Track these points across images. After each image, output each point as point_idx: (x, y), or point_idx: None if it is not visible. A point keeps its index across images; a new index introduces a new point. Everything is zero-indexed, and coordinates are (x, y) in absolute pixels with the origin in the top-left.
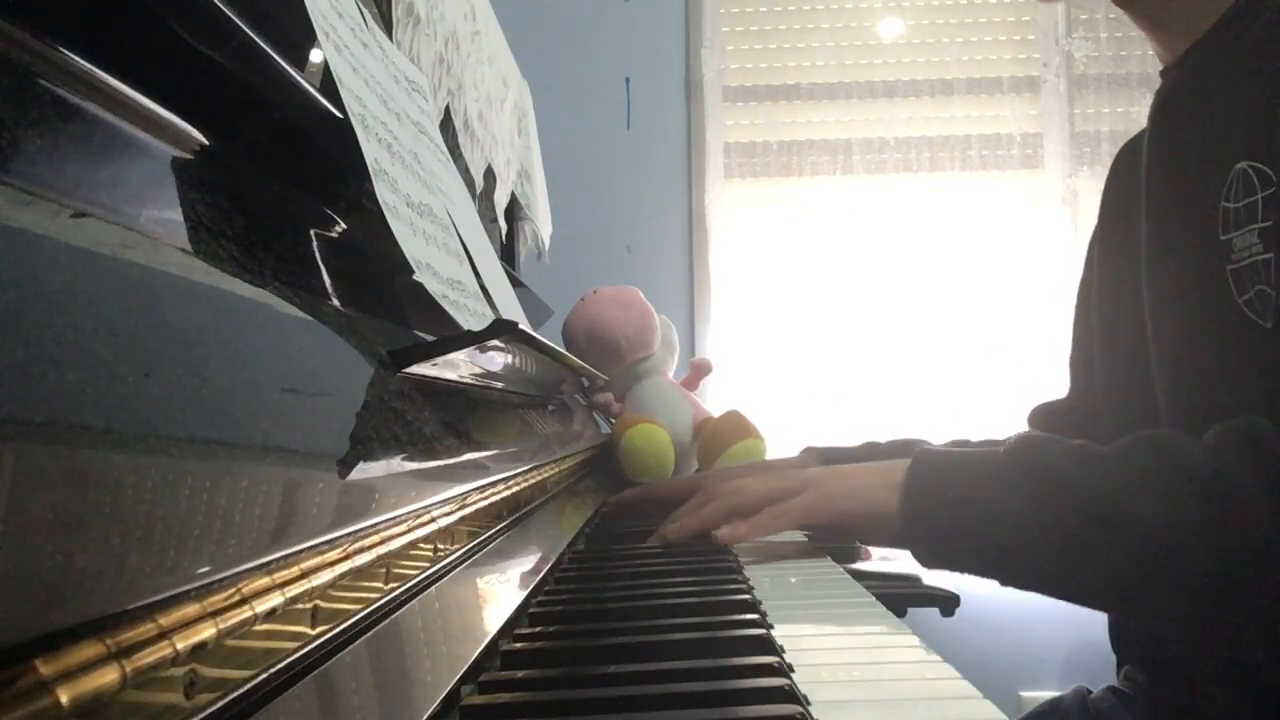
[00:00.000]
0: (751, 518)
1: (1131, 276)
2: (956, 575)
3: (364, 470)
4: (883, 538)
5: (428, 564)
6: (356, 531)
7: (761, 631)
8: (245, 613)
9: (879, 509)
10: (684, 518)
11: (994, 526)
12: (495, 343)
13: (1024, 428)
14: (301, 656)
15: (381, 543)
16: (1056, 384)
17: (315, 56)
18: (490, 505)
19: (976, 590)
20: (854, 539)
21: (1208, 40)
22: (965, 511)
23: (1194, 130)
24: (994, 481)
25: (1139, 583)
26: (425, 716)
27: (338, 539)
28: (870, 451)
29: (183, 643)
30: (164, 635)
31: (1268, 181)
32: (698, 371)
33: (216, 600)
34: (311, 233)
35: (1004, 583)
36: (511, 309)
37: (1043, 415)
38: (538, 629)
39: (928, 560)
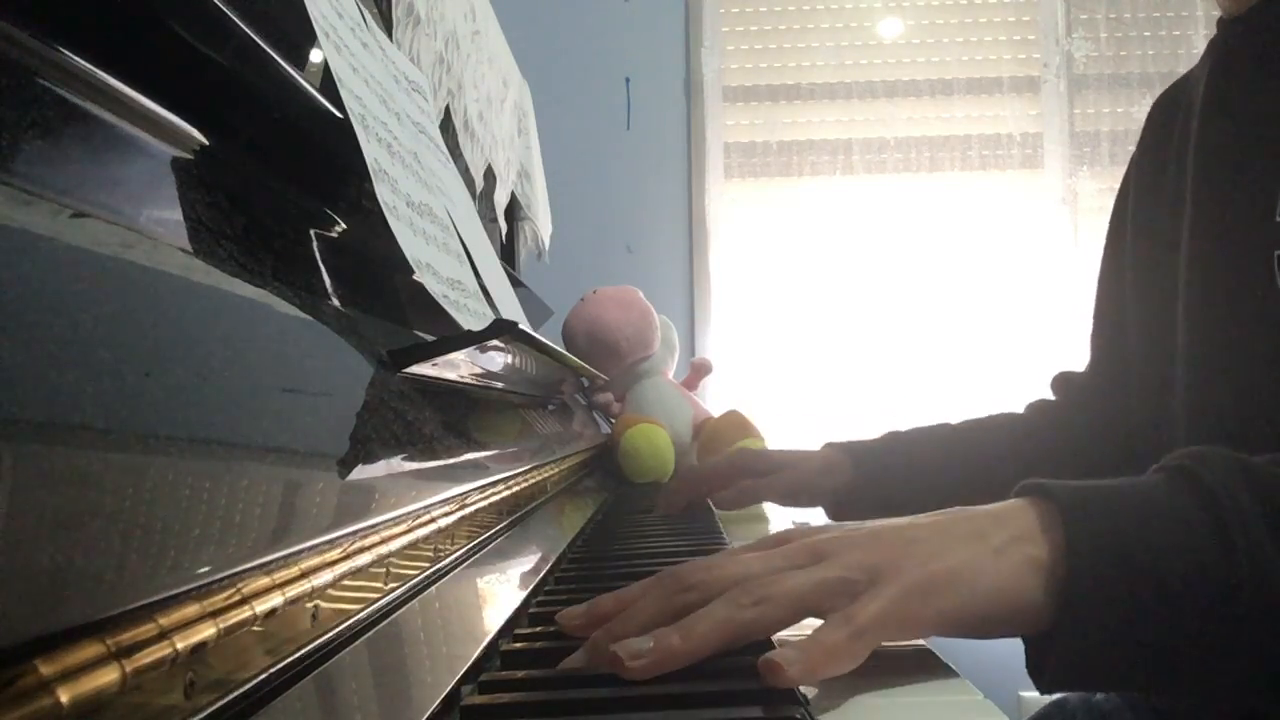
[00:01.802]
0: (811, 645)
1: (1171, 247)
2: None
3: (364, 470)
4: (1008, 635)
5: (428, 564)
6: (356, 531)
7: None
8: (245, 613)
9: (1012, 604)
10: (662, 644)
11: (1223, 633)
12: (495, 343)
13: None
14: (301, 656)
15: (381, 543)
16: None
17: (315, 56)
18: (490, 505)
19: None
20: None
21: None
22: (1176, 604)
23: (1263, 99)
24: (1224, 546)
25: None
26: (425, 716)
27: (338, 539)
28: (896, 443)
29: (183, 643)
30: (164, 635)
31: None
32: (698, 371)
33: (216, 600)
34: (311, 233)
35: (1221, 707)
36: (511, 309)
37: (1066, 383)
38: (538, 629)
39: (1082, 678)
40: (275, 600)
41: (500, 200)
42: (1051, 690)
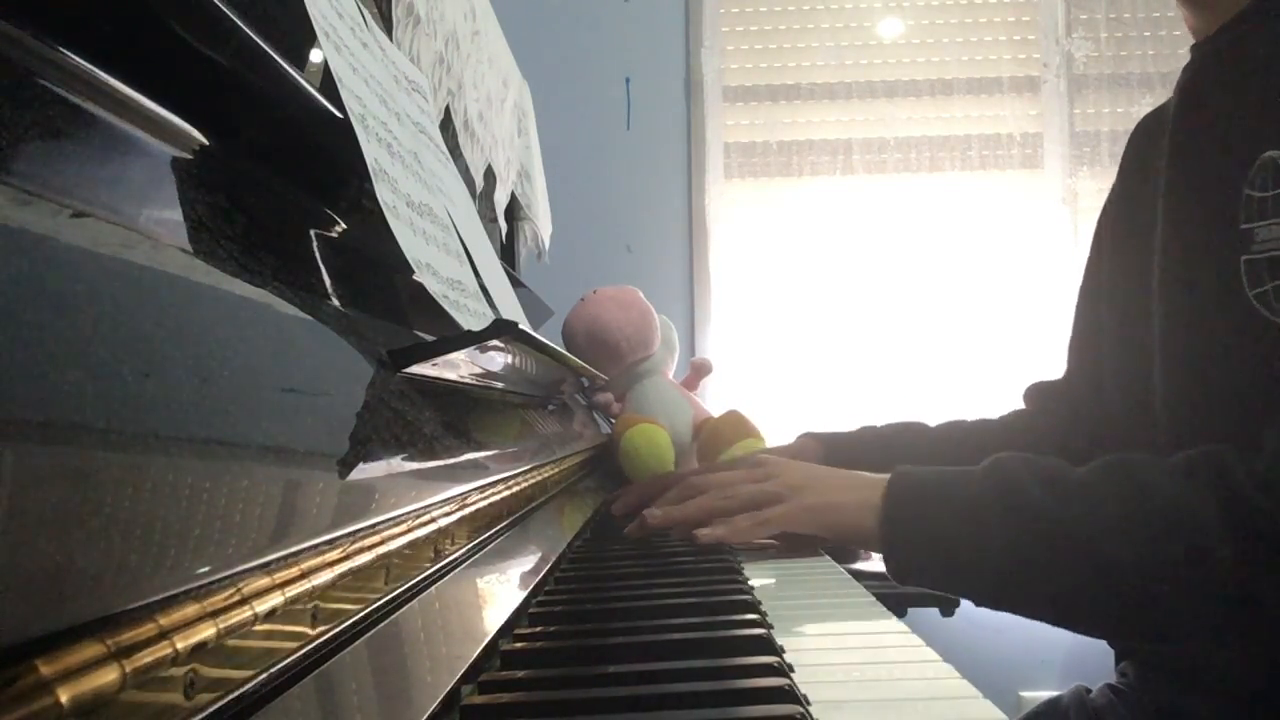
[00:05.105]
0: (734, 522)
1: (1145, 257)
2: None
3: (364, 470)
4: (860, 548)
5: (428, 564)
6: (356, 531)
7: (762, 631)
8: (245, 613)
9: (857, 528)
10: (667, 509)
11: (969, 555)
12: (495, 343)
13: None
14: (301, 656)
15: (381, 543)
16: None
17: (315, 56)
18: (490, 505)
19: None
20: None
21: (1244, 17)
22: (941, 539)
23: (1222, 111)
24: (970, 510)
25: (1111, 613)
26: (425, 716)
27: (338, 539)
28: (868, 436)
29: (183, 643)
30: (164, 635)
31: None
32: (698, 371)
33: (216, 600)
34: (311, 233)
35: (978, 604)
36: (511, 309)
37: (1039, 393)
38: (538, 629)
39: (903, 579)
40: (275, 600)
41: (500, 200)
42: (899, 580)
